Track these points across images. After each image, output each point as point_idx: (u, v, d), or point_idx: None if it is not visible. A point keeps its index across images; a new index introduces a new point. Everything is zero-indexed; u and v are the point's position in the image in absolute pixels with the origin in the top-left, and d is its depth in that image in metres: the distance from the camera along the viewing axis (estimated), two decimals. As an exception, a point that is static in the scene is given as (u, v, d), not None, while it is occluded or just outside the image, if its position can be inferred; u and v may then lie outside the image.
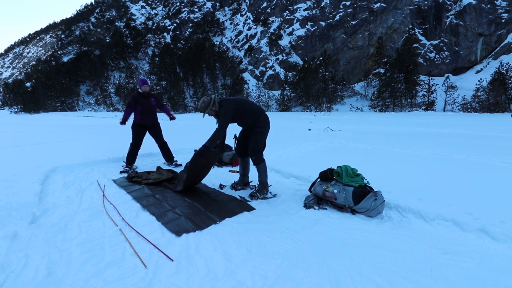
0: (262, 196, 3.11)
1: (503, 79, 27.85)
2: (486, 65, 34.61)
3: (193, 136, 8.78)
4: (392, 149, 5.85)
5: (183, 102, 45.58)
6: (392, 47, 38.98)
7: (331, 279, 1.67)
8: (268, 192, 3.19)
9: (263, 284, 1.63)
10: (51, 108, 56.32)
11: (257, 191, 3.15)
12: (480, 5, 35.60)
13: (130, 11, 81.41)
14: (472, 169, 4.11)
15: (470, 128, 10.65)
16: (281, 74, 45.11)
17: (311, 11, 47.01)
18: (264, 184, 3.15)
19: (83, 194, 3.29)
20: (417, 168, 4.23)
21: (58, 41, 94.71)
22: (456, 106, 30.25)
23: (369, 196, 2.61)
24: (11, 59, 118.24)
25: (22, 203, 2.87)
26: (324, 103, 37.76)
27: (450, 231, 2.30)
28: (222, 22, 63.41)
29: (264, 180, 3.14)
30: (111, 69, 62.97)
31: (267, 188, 3.17)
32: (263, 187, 3.15)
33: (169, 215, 2.65)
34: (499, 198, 2.88)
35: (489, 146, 6.10)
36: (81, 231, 2.33)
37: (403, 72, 32.62)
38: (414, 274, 1.71)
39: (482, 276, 1.69)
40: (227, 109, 2.98)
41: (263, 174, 3.14)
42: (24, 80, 75.67)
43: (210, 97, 3.06)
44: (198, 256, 1.94)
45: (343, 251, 1.98)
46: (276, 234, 2.27)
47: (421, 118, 18.04)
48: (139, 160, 5.05)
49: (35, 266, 1.81)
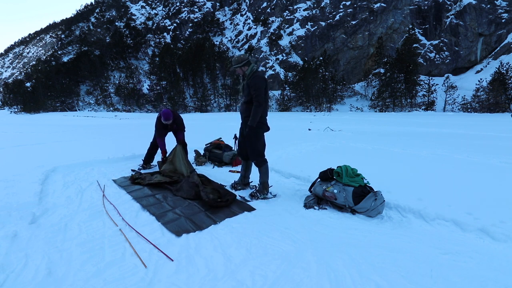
0: (262, 196, 3.11)
1: (503, 79, 27.86)
2: (486, 65, 34.62)
3: (193, 136, 8.77)
4: (392, 149, 5.85)
5: (183, 102, 45.60)
6: (392, 47, 39.01)
7: (331, 279, 1.67)
8: (269, 193, 3.18)
9: (263, 284, 1.63)
10: (51, 108, 56.30)
11: (258, 191, 3.14)
12: (480, 5, 35.61)
13: (130, 11, 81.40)
14: (472, 169, 4.11)
15: (470, 128, 10.64)
16: (281, 74, 45.13)
17: (311, 11, 47.01)
18: (265, 185, 3.15)
19: (83, 194, 3.29)
20: (417, 168, 4.23)
21: (58, 41, 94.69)
22: (456, 106, 30.26)
23: (369, 196, 2.61)
24: (11, 59, 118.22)
25: (22, 203, 2.87)
26: (324, 103, 37.78)
27: (450, 231, 2.30)
28: (222, 22, 63.41)
29: (265, 180, 3.14)
30: (111, 69, 62.95)
31: (267, 189, 3.16)
32: (264, 188, 3.14)
33: (169, 215, 2.65)
34: (499, 198, 2.88)
35: (489, 146, 6.10)
36: (81, 231, 2.33)
37: (403, 72, 32.64)
38: (414, 274, 1.71)
39: (482, 276, 1.69)
40: (261, 83, 2.91)
41: (265, 175, 3.14)
42: (24, 80, 75.65)
43: (249, 59, 3.07)
44: (198, 256, 1.94)
45: (343, 251, 1.98)
46: (276, 234, 2.27)
47: (421, 118, 18.03)
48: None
49: (35, 266, 1.81)
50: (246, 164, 3.42)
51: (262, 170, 3.14)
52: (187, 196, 3.14)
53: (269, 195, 3.16)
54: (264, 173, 3.13)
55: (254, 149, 3.10)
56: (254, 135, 3.07)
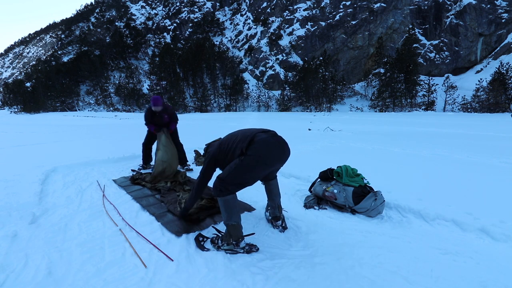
0: (227, 248, 1.97)
1: (503, 79, 27.84)
2: (486, 65, 34.63)
3: (193, 136, 8.77)
4: (392, 149, 5.85)
5: (183, 102, 45.60)
6: (392, 47, 39.01)
7: (331, 279, 1.67)
8: (240, 243, 1.96)
9: (264, 284, 1.63)
10: (51, 108, 56.32)
11: (220, 238, 2.04)
12: (480, 5, 35.62)
13: (130, 11, 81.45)
14: (472, 169, 4.11)
15: (470, 128, 10.64)
16: (281, 74, 45.15)
17: (311, 11, 47.02)
18: (230, 229, 1.97)
19: (83, 194, 3.29)
20: (417, 168, 4.23)
21: (58, 41, 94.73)
22: (456, 106, 30.25)
23: (369, 196, 2.61)
24: (11, 59, 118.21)
25: (22, 203, 2.87)
26: (324, 103, 37.79)
27: (450, 231, 2.30)
28: (222, 22, 63.47)
29: (228, 223, 1.97)
30: (111, 69, 62.99)
31: (235, 236, 1.96)
32: (227, 234, 1.99)
33: (169, 215, 2.65)
34: (499, 198, 2.88)
35: (489, 146, 6.10)
36: (81, 231, 2.32)
37: (403, 72, 32.64)
38: (414, 274, 1.71)
39: (482, 276, 1.69)
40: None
41: (228, 214, 1.96)
42: (24, 80, 75.62)
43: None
44: (198, 256, 1.94)
45: (343, 251, 1.98)
46: (276, 234, 2.27)
47: (421, 118, 18.02)
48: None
49: (35, 266, 1.81)
50: (266, 187, 2.41)
51: (221, 205, 1.98)
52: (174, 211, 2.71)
53: (238, 248, 1.96)
54: (225, 211, 1.96)
55: (226, 174, 1.96)
56: (248, 162, 1.92)
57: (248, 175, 1.96)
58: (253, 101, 44.07)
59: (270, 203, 2.41)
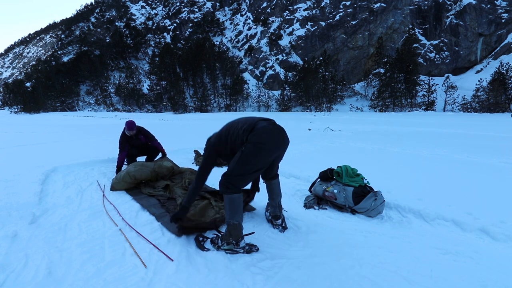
0: (227, 247, 1.98)
1: (503, 79, 27.83)
2: (486, 65, 34.60)
3: (193, 136, 8.77)
4: (392, 149, 5.85)
5: (183, 102, 45.61)
6: (392, 47, 38.97)
7: (331, 279, 1.67)
8: (240, 242, 1.97)
9: (264, 284, 1.63)
10: (51, 108, 56.37)
11: (221, 237, 2.06)
12: (480, 5, 35.60)
13: (130, 11, 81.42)
14: (472, 169, 4.11)
15: (470, 128, 10.64)
16: (281, 74, 45.11)
17: (311, 11, 47.00)
18: (230, 228, 1.97)
19: (83, 194, 3.29)
20: (417, 168, 4.23)
21: (58, 41, 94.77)
22: (456, 106, 30.23)
23: (369, 196, 2.61)
24: (11, 59, 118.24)
25: (22, 203, 2.87)
26: (324, 103, 37.76)
27: (450, 231, 2.30)
28: (222, 22, 63.42)
29: (230, 222, 1.97)
30: (111, 69, 63.02)
31: (235, 236, 1.96)
32: (228, 233, 1.99)
33: (169, 215, 2.64)
34: (499, 198, 2.88)
35: (489, 146, 6.10)
36: (81, 231, 2.32)
37: (403, 72, 32.62)
38: (414, 274, 1.71)
39: (482, 276, 1.69)
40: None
41: (231, 213, 1.96)
42: (24, 80, 75.67)
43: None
44: (198, 256, 1.93)
45: (343, 251, 1.98)
46: (276, 234, 2.27)
47: (421, 118, 18.02)
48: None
49: (35, 266, 1.81)
50: (269, 186, 2.43)
51: (226, 202, 1.98)
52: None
53: (239, 248, 1.97)
54: (229, 209, 1.96)
55: (231, 169, 1.96)
56: (243, 154, 1.92)
57: (251, 164, 1.94)
58: (253, 101, 44.05)
59: (271, 202, 2.44)
